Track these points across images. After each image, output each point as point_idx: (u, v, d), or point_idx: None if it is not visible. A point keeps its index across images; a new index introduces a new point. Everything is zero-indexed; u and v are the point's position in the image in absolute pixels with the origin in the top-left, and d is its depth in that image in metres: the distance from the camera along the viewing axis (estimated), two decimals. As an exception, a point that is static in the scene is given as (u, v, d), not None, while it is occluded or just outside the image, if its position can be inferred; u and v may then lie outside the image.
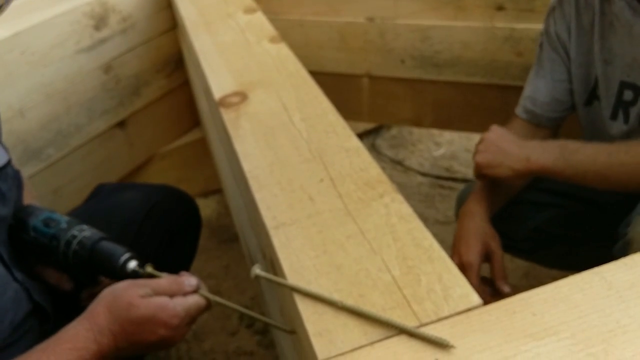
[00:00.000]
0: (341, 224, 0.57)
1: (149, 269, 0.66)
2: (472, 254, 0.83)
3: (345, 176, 0.64)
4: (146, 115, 1.39)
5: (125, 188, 0.93)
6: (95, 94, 1.24)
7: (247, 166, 0.67)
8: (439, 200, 1.62)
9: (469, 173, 1.71)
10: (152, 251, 0.84)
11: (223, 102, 0.79)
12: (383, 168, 0.83)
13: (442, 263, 0.52)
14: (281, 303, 0.64)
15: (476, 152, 0.86)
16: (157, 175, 1.48)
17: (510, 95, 1.38)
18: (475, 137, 1.86)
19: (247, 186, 0.66)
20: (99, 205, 0.89)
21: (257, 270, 0.54)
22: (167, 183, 1.20)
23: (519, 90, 1.37)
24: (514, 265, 1.33)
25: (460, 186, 1.68)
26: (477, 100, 1.40)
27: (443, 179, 1.70)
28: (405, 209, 0.58)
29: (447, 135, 1.89)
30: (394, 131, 1.94)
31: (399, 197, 0.60)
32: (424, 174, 1.73)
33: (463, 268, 0.87)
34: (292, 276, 0.52)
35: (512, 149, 0.82)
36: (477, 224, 0.87)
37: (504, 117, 1.43)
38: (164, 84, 1.41)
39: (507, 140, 0.84)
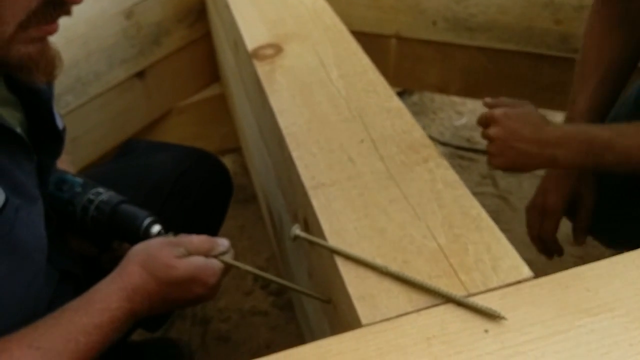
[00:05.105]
0: (383, 188, 0.55)
1: (172, 236, 0.64)
2: (559, 196, 0.78)
3: (387, 138, 0.61)
4: (166, 66, 1.35)
5: (157, 149, 0.90)
6: (116, 41, 1.19)
7: (283, 122, 0.64)
8: (459, 171, 1.58)
9: (491, 144, 1.68)
10: (181, 216, 0.82)
11: (256, 54, 0.76)
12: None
13: (491, 233, 0.50)
14: (312, 266, 0.62)
15: (490, 154, 0.74)
16: (174, 131, 1.45)
17: (543, 66, 1.32)
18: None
19: (283, 144, 0.63)
20: (129, 165, 0.86)
21: (297, 230, 0.52)
22: (183, 139, 1.17)
23: (553, 60, 1.32)
24: (533, 239, 1.32)
25: (482, 158, 1.64)
26: (509, 68, 1.35)
27: (463, 149, 1.66)
28: (451, 175, 0.56)
29: (470, 105, 1.84)
30: (415, 98, 1.89)
31: (445, 163, 0.57)
32: (443, 144, 1.69)
33: (544, 210, 0.83)
34: (333, 238, 0.50)
35: (532, 149, 0.69)
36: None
37: (535, 88, 1.39)
38: (185, 34, 1.36)
39: (521, 137, 0.70)
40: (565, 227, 1.34)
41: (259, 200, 1.36)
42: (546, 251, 0.92)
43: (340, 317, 0.51)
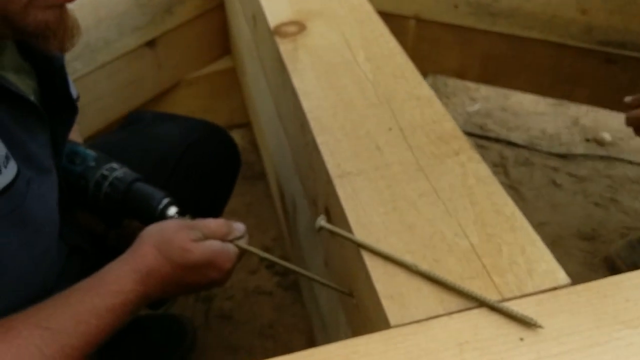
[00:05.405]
0: (412, 180, 0.53)
1: (188, 219, 0.62)
2: None
3: (416, 127, 0.58)
4: (177, 36, 1.31)
5: (164, 119, 0.87)
6: (127, 8, 1.15)
7: (307, 105, 0.61)
8: (469, 159, 1.56)
9: (503, 133, 1.65)
10: (187, 188, 0.79)
11: (279, 31, 0.72)
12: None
13: (525, 234, 0.48)
14: (331, 256, 0.60)
15: None
16: (183, 103, 1.42)
17: (565, 56, 1.28)
18: (514, 96, 1.78)
19: (306, 127, 0.60)
20: (136, 134, 0.83)
21: (322, 222, 0.50)
22: (192, 112, 1.14)
23: (575, 51, 1.28)
24: (541, 233, 1.30)
25: (494, 146, 1.62)
26: (530, 57, 1.31)
27: (476, 136, 1.63)
28: (484, 170, 0.53)
29: (484, 91, 1.81)
30: (429, 81, 1.85)
31: (477, 157, 0.55)
32: (455, 130, 1.66)
33: None
34: (359, 231, 0.48)
35: None
36: None
37: (554, 79, 1.35)
38: (198, 4, 1.32)
39: None
40: (572, 221, 1.32)
41: (268, 179, 1.34)
42: None
43: (362, 313, 0.50)
